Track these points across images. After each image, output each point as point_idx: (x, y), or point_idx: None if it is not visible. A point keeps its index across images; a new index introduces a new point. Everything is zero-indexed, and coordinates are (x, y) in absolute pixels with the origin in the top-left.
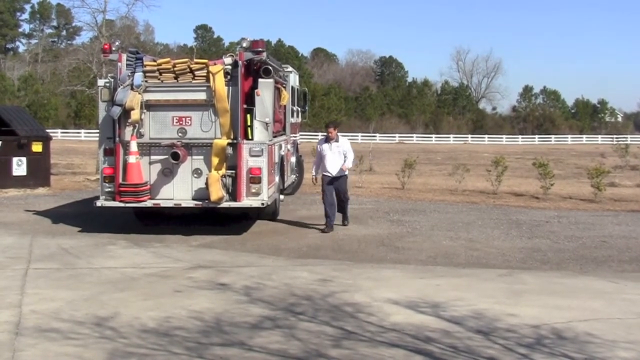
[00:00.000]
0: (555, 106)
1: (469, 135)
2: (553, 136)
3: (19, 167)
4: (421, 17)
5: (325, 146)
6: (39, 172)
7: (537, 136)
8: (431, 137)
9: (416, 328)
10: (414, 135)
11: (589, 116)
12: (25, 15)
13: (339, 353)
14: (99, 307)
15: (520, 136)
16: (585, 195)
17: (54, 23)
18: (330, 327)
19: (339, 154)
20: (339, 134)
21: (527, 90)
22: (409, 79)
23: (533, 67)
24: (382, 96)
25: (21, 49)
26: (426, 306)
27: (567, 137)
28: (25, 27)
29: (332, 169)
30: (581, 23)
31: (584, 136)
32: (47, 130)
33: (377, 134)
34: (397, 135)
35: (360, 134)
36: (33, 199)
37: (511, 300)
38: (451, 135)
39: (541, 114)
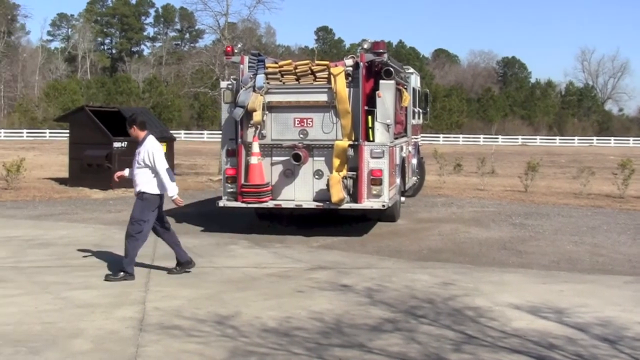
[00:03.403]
0: None
1: (594, 138)
2: None
3: None
4: (545, 16)
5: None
6: None
7: None
8: (555, 140)
9: (539, 334)
10: (537, 137)
11: None
12: (150, 19)
13: (459, 358)
14: (220, 306)
15: None
16: None
17: (178, 26)
18: (451, 331)
19: (138, 164)
20: (149, 135)
21: None
22: (532, 80)
23: None
24: (504, 97)
25: (146, 52)
26: (549, 312)
27: None
28: (150, 31)
29: (135, 183)
30: None
31: None
32: (171, 132)
33: (500, 136)
34: (519, 137)
35: (482, 136)
36: None
37: (639, 308)
38: (575, 138)
39: None
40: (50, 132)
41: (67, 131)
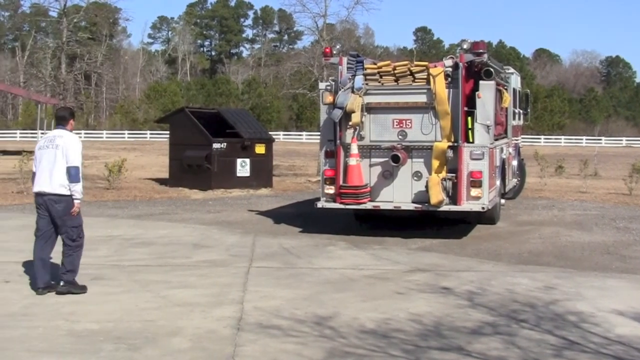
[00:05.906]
0: None
1: None
2: None
3: (243, 168)
4: None
5: None
6: (262, 173)
7: None
8: None
9: None
10: None
11: None
12: (249, 21)
13: None
14: (319, 307)
15: None
16: None
17: (276, 28)
18: (552, 336)
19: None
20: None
21: None
22: (637, 80)
23: None
24: (608, 98)
25: (245, 53)
26: None
27: None
28: (249, 33)
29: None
30: None
31: None
32: (270, 133)
33: (603, 137)
34: (624, 138)
35: (584, 137)
36: (255, 199)
37: None
38: None
39: None
40: (150, 133)
41: (168, 132)
